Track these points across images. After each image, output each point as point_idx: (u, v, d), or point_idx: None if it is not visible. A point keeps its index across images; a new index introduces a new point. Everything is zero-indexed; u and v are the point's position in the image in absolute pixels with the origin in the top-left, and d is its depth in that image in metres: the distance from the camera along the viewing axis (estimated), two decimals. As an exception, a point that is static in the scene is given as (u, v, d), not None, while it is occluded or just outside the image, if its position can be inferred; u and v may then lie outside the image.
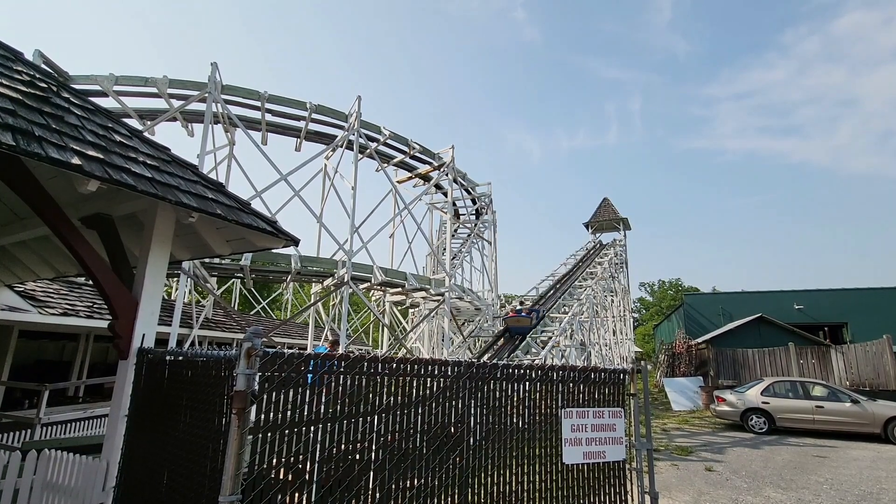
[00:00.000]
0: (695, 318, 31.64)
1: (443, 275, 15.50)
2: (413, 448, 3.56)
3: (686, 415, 15.26)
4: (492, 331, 17.82)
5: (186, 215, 4.09)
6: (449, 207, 16.59)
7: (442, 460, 3.67)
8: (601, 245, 33.10)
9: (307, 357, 3.12)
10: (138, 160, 3.89)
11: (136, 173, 3.68)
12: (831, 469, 8.26)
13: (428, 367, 3.88)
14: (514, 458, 3.93)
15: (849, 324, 28.09)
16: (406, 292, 15.13)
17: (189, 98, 11.42)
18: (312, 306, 14.66)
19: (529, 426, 4.01)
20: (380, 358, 3.64)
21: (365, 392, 3.45)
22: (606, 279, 24.40)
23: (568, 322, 15.68)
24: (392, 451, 3.45)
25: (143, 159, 3.94)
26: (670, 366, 23.05)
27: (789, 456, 9.28)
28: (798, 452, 9.66)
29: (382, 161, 15.39)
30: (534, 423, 4.03)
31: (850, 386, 15.40)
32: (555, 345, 13.84)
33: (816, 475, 7.86)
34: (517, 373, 4.23)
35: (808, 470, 8.19)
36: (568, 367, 4.26)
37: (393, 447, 3.47)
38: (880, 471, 8.20)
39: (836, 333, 28.42)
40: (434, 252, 18.31)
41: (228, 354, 3.00)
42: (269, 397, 2.93)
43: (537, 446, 4.04)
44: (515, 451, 3.93)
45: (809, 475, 7.86)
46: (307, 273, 13.01)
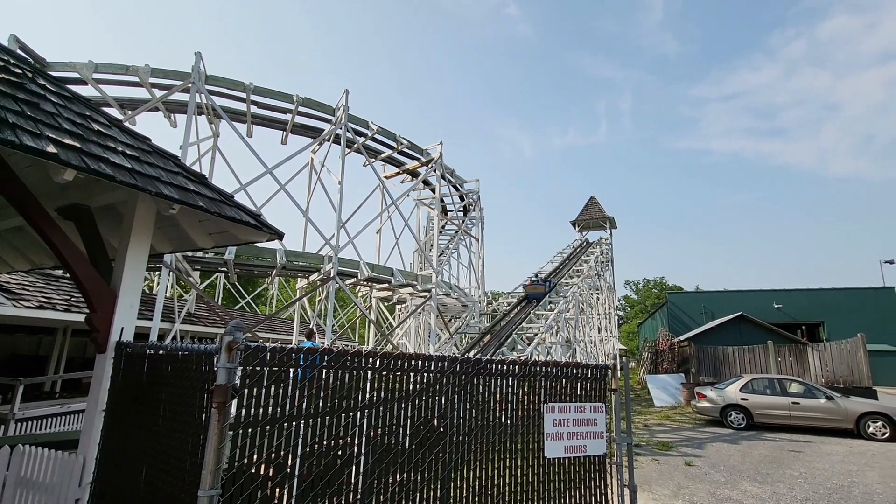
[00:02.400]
0: (678, 316, 32.22)
1: (430, 271, 15.50)
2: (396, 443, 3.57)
3: (668, 411, 15.55)
4: (478, 327, 17.91)
5: (167, 207, 4.02)
6: (436, 204, 16.59)
7: (425, 455, 3.70)
8: (588, 243, 33.44)
9: (290, 351, 3.10)
10: (117, 150, 3.81)
11: (114, 163, 3.60)
12: (805, 463, 8.51)
13: (412, 362, 3.89)
14: (496, 452, 3.98)
15: (825, 322, 28.91)
16: (393, 288, 15.12)
17: (172, 88, 11.19)
18: (298, 301, 14.56)
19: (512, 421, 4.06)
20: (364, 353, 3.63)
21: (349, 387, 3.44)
22: (592, 277, 24.67)
23: (554, 319, 15.83)
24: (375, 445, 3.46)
25: (122, 149, 3.86)
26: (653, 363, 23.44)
27: (766, 451, 9.53)
28: (774, 447, 9.93)
29: (370, 156, 15.30)
30: (517, 417, 4.08)
31: (826, 383, 15.87)
32: (540, 341, 13.97)
33: (791, 469, 8.09)
34: (501, 368, 4.27)
35: (783, 464, 8.42)
36: (551, 362, 4.32)
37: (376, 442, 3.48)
38: (852, 465, 8.48)
39: (814, 332, 29.23)
40: (421, 248, 18.30)
41: (209, 348, 2.97)
42: (251, 392, 2.91)
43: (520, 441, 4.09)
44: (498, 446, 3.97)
45: (785, 469, 8.09)
46: (292, 268, 12.92)
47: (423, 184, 18.74)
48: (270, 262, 12.18)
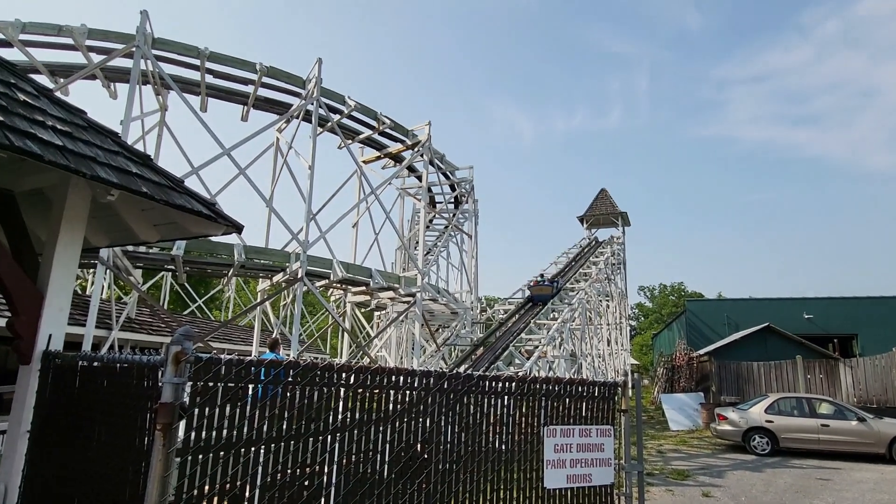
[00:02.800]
0: (697, 327, 32.71)
1: (414, 272, 15.50)
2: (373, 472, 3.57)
3: (684, 435, 15.79)
4: (470, 338, 17.98)
5: (105, 193, 3.95)
6: (423, 194, 16.58)
7: (406, 486, 3.70)
8: (597, 242, 33.75)
9: (248, 364, 3.08)
10: (46, 124, 3.73)
11: (43, 140, 3.53)
12: (834, 493, 8.72)
13: (393, 378, 3.89)
14: (489, 482, 4.00)
15: (858, 335, 29.58)
16: (371, 292, 15.08)
17: (112, 52, 11.00)
18: (259, 306, 14.43)
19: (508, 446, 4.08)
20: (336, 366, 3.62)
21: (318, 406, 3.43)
22: (602, 281, 24.92)
23: (557, 329, 15.95)
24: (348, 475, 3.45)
25: (52, 123, 3.78)
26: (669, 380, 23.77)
27: (792, 479, 9.75)
28: (801, 475, 10.16)
29: (346, 136, 15.24)
30: (513, 442, 4.10)
31: (858, 402, 16.27)
32: (541, 355, 14.08)
33: (819, 500, 8.29)
34: (496, 386, 4.29)
35: (810, 494, 8.63)
36: (553, 379, 4.35)
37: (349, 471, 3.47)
38: (883, 493, 8.72)
39: (846, 346, 29.89)
40: (405, 245, 18.28)
41: (153, 360, 2.94)
42: (202, 411, 2.88)
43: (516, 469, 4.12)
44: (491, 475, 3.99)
45: (812, 499, 8.29)
46: (253, 267, 12.80)
47: (407, 170, 18.71)
48: (227, 260, 12.06)
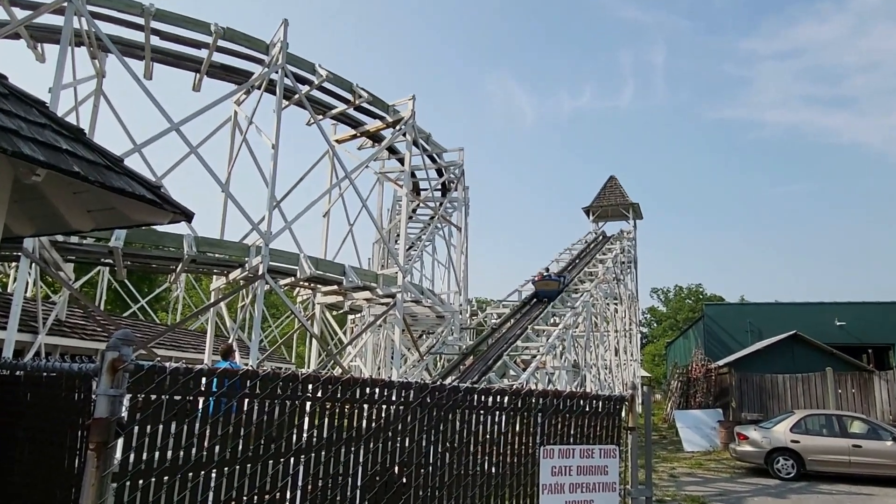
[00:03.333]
0: (716, 334, 33.23)
1: (395, 270, 15.48)
2: (342, 498, 3.58)
3: (700, 456, 16.04)
4: (458, 346, 18.04)
5: (29, 172, 3.88)
6: (406, 179, 16.55)
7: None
8: (605, 237, 34.03)
9: (199, 374, 3.06)
10: (-42, 91, 3.65)
11: (-46, 109, 3.46)
12: (868, 523, 8.92)
13: (367, 390, 3.89)
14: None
15: (895, 345, 30.30)
16: (344, 292, 15.02)
17: (40, 7, 10.78)
18: (212, 308, 14.32)
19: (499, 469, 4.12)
20: (302, 377, 3.61)
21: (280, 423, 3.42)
22: (609, 282, 25.14)
23: (558, 336, 16.08)
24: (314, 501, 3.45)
25: (-35, 90, 3.70)
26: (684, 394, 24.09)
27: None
28: (829, 502, 10.39)
29: (316, 111, 15.14)
30: (505, 464, 4.14)
31: (893, 420, 16.66)
32: (539, 366, 14.17)
33: (851, 531, 8.47)
34: (486, 400, 4.31)
35: (842, 525, 8.81)
36: (551, 392, 4.40)
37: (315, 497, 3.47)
38: (924, 525, 8.94)
39: (882, 356, 30.55)
40: (384, 239, 18.25)
41: (85, 368, 2.90)
42: (143, 429, 2.86)
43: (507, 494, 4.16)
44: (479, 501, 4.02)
45: (843, 531, 8.46)
46: (206, 261, 12.68)
47: (387, 152, 18.63)
48: (175, 254, 11.95)
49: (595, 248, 30.52)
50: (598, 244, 31.83)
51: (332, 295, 15.97)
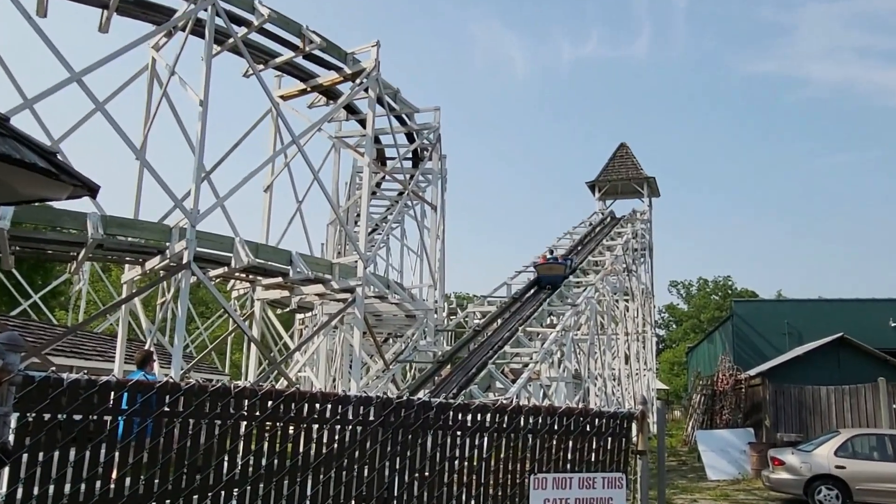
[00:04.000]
0: (748, 337, 33.91)
1: (354, 258, 15.45)
2: (288, 539, 3.59)
3: (727, 486, 16.44)
4: (432, 352, 18.12)
5: None
6: (368, 145, 16.47)
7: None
8: (613, 219, 34.37)
9: (106, 387, 3.04)
10: None
11: None
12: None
13: (317, 406, 3.91)
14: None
15: (964, 350, 31.22)
16: (290, 285, 14.95)
17: None
18: (124, 304, 14.13)
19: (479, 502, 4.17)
20: (236, 390, 3.61)
21: (208, 447, 3.41)
22: (619, 273, 25.46)
23: (555, 341, 16.25)
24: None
25: None
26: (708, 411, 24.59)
27: (867, 545, 10.28)
28: (879, 540, 10.72)
29: (256, 60, 14.94)
30: (487, 496, 4.20)
31: (959, 439, 17.20)
32: (532, 377, 14.32)
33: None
34: (465, 418, 4.36)
35: (890, 565, 9.12)
36: (544, 409, 4.47)
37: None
38: None
39: (947, 364, 31.49)
40: (340, 220, 18.16)
41: (-40, 381, 2.86)
42: (35, 456, 2.84)
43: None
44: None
45: (892, 572, 8.77)
46: (116, 247, 12.50)
47: (345, 111, 18.46)
48: (76, 237, 11.72)
49: (601, 232, 30.82)
50: (606, 227, 32.15)
51: (276, 289, 15.86)
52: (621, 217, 34.25)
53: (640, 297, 32.04)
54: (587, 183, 36.68)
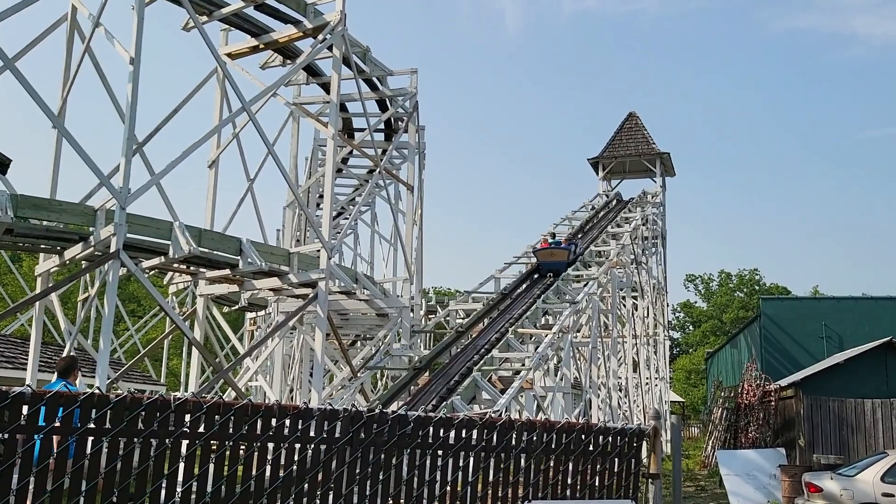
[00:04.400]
0: (778, 341, 34.11)
1: (317, 247, 15.38)
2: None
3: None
4: (408, 357, 18.15)
5: None
6: (332, 114, 16.36)
7: None
8: (620, 201, 34.53)
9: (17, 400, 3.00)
10: None
11: None
12: None
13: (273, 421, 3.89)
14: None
15: None
16: (240, 279, 14.86)
17: None
18: (39, 301, 13.97)
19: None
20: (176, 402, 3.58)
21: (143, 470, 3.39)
22: (626, 266, 25.59)
23: (552, 344, 16.34)
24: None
25: None
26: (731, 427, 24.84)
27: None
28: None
29: (199, 11, 14.76)
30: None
31: None
32: (524, 386, 14.39)
33: None
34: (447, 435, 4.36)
35: None
36: (539, 424, 4.48)
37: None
38: None
39: None
40: (299, 202, 18.06)
41: None
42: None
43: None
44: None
45: None
46: (29, 232, 12.32)
47: (306, 73, 18.31)
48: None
49: (606, 217, 30.98)
50: (611, 211, 32.31)
51: (223, 283, 15.77)
52: (629, 199, 34.34)
53: (650, 293, 32.27)
54: (590, 160, 36.81)
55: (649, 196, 34.83)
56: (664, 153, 35.75)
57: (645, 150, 35.99)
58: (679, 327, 77.33)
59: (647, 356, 30.77)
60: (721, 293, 73.15)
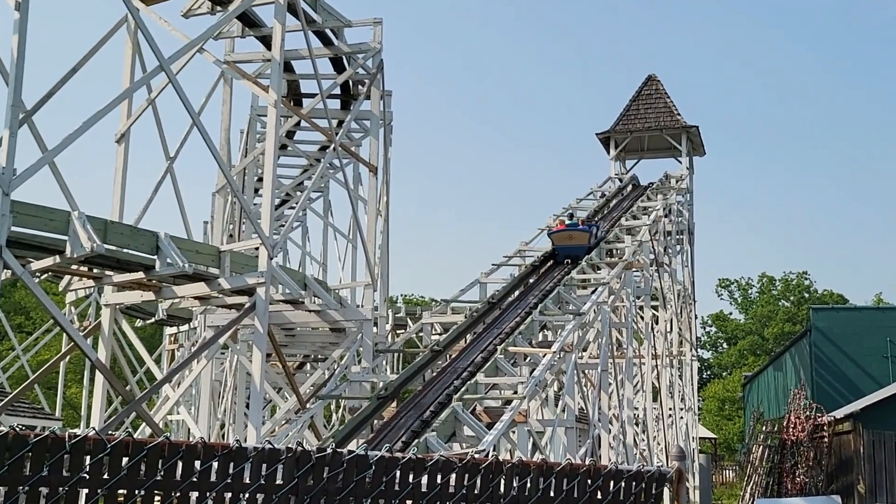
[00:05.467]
0: (833, 362, 34.18)
1: (255, 243, 15.33)
2: None
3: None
4: (370, 382, 18.14)
5: None
6: (275, 76, 16.31)
7: None
8: (636, 187, 34.59)
9: None
10: None
11: None
12: None
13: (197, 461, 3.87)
14: None
15: None
16: (157, 283, 14.83)
17: None
18: None
19: None
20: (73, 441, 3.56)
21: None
22: (644, 268, 25.66)
23: (550, 367, 16.36)
24: None
25: None
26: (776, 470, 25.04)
27: None
28: None
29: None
30: None
31: None
32: (517, 419, 14.41)
33: None
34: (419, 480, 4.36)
35: None
36: (535, 465, 4.49)
37: None
38: None
39: None
40: (233, 187, 17.96)
41: None
42: None
43: None
44: None
45: None
46: None
47: (241, 23, 18.23)
48: None
49: (619, 207, 31.06)
50: (626, 199, 32.38)
51: (135, 290, 15.68)
52: (648, 185, 34.33)
53: (675, 302, 32.42)
54: (598, 135, 36.74)
55: (673, 180, 34.78)
56: (692, 127, 35.67)
57: (668, 122, 35.82)
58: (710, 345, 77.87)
59: (671, 381, 30.92)
60: (762, 302, 73.64)
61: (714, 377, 72.43)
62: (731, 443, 57.94)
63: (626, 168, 36.95)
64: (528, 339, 18.59)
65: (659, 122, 35.78)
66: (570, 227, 23.15)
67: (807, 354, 34.85)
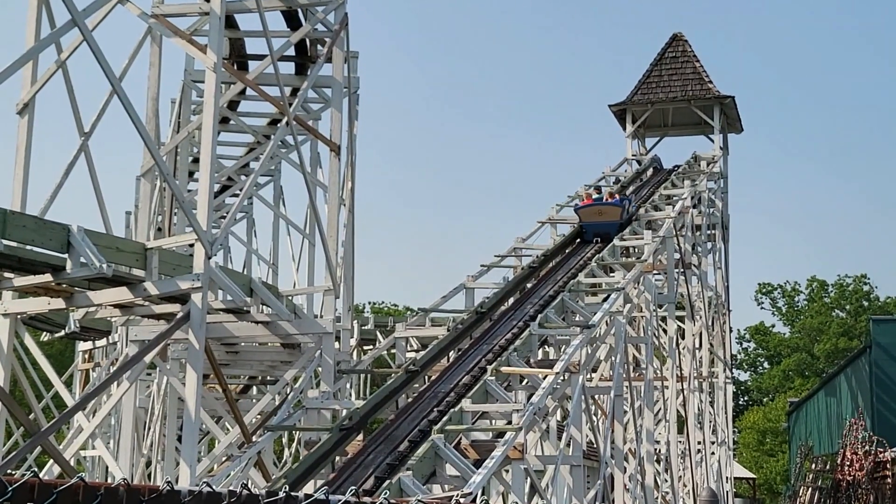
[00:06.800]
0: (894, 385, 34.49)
1: (191, 238, 15.35)
2: None
3: None
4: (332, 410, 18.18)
5: None
6: (214, 32, 16.33)
7: None
8: (658, 171, 34.69)
9: None
10: None
11: None
12: None
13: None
14: None
15: None
16: (68, 288, 14.88)
17: None
18: None
19: None
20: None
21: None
22: (668, 270, 25.71)
23: (552, 391, 16.44)
24: None
25: None
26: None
27: None
28: None
29: None
30: None
31: None
32: (511, 455, 14.48)
33: None
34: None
35: None
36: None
37: None
38: None
39: None
40: (162, 169, 17.95)
41: None
42: None
43: None
44: None
45: None
46: None
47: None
48: None
49: (637, 196, 31.18)
50: (645, 185, 32.53)
51: (41, 296, 15.67)
52: (673, 168, 34.40)
53: (705, 312, 32.54)
54: (612, 107, 36.61)
55: (703, 163, 34.48)
56: (726, 97, 35.54)
57: (697, 91, 35.49)
58: (748, 364, 78.18)
59: (700, 409, 31.05)
60: (811, 312, 73.89)
61: (753, 404, 72.76)
62: (774, 484, 58.25)
63: (647, 148, 36.94)
64: (524, 357, 18.65)
65: (686, 92, 35.36)
66: (597, 200, 24.38)
67: (866, 376, 34.93)
